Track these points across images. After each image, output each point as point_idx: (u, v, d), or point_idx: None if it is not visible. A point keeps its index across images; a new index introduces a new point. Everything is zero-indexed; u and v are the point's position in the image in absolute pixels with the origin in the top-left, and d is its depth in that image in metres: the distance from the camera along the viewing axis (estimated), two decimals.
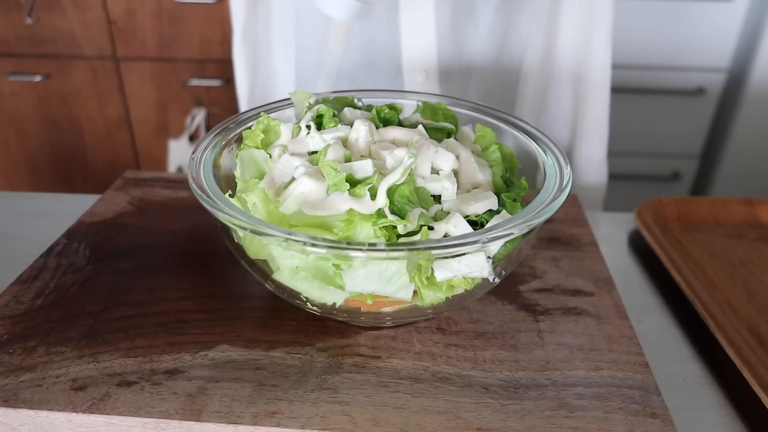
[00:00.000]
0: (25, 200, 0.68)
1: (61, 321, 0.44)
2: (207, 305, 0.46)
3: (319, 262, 0.37)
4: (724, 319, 0.48)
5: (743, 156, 1.46)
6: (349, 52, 0.70)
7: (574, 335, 0.44)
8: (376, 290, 0.37)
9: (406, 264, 0.36)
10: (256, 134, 0.44)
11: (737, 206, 0.64)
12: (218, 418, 0.36)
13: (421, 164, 0.40)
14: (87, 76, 1.44)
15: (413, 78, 0.69)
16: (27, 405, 0.37)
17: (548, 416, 0.37)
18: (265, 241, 0.37)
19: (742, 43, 1.40)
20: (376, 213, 0.37)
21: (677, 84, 1.44)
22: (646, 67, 1.43)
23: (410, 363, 0.41)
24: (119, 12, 1.36)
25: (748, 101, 1.40)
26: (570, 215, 0.59)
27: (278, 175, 0.41)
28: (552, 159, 0.44)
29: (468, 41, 0.69)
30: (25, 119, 1.50)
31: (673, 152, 1.54)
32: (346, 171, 0.39)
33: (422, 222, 0.37)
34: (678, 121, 1.49)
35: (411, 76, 0.69)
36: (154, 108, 1.48)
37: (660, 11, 1.37)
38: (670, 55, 1.42)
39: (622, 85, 1.44)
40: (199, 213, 0.55)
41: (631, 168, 1.53)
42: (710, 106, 1.47)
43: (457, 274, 0.38)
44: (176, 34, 1.39)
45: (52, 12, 1.36)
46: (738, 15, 1.37)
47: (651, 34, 1.39)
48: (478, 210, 0.39)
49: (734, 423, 0.42)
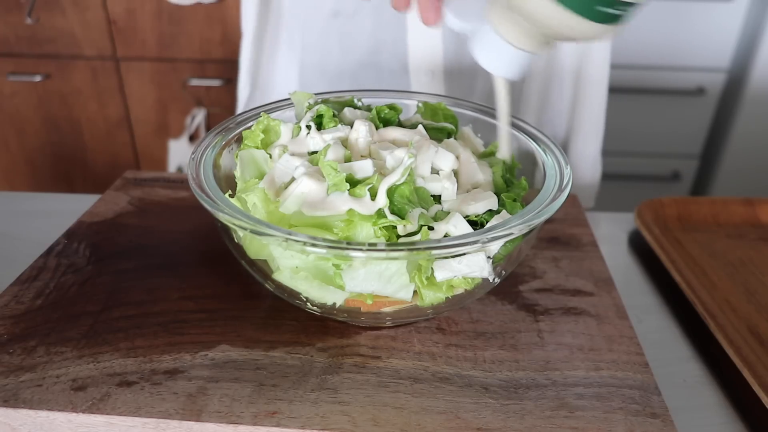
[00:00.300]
0: (25, 200, 0.68)
1: (61, 321, 0.44)
2: (207, 305, 0.46)
3: (319, 262, 0.37)
4: (724, 319, 0.48)
5: (743, 156, 1.46)
6: (355, 52, 0.70)
7: (574, 335, 0.44)
8: (376, 290, 0.37)
9: (406, 264, 0.36)
10: (256, 134, 0.44)
11: (737, 206, 0.64)
12: (218, 418, 0.36)
13: (421, 164, 0.40)
14: (87, 76, 1.44)
15: (419, 78, 0.69)
16: (27, 405, 0.37)
17: (548, 416, 0.37)
18: (265, 241, 0.37)
19: (742, 43, 1.40)
20: (376, 213, 0.37)
21: (677, 84, 1.44)
22: (646, 67, 1.43)
23: (410, 363, 0.41)
24: (119, 12, 1.36)
25: (748, 101, 1.40)
26: (570, 215, 0.59)
27: (278, 175, 0.41)
28: (552, 159, 0.44)
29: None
30: (25, 119, 1.50)
31: (673, 152, 1.54)
32: (346, 171, 0.39)
33: (422, 222, 0.37)
34: (678, 121, 1.49)
35: (416, 75, 0.69)
36: (154, 108, 1.48)
37: (660, 11, 1.37)
38: (670, 55, 1.42)
39: (622, 85, 1.44)
40: (199, 213, 0.55)
41: (631, 168, 1.53)
42: (710, 106, 1.47)
43: (457, 274, 0.38)
44: (176, 34, 1.39)
45: (52, 12, 1.36)
46: (738, 15, 1.36)
47: (651, 34, 1.39)
48: (478, 210, 0.39)
49: (734, 423, 0.42)
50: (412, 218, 0.37)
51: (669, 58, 1.42)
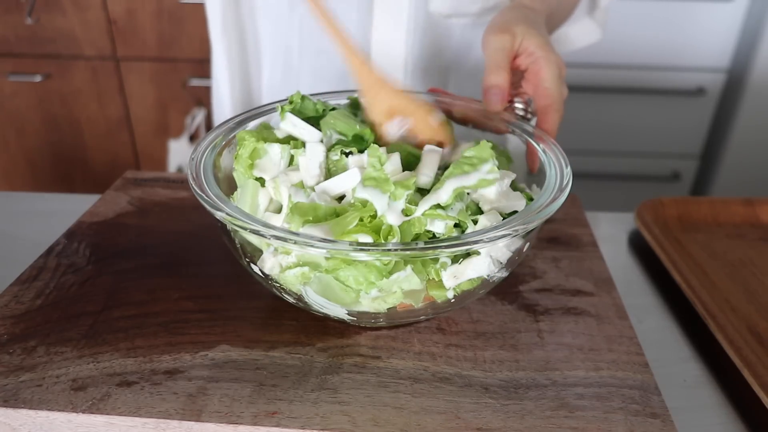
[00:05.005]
0: (25, 200, 0.68)
1: (61, 321, 0.44)
2: (207, 305, 0.46)
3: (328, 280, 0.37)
4: (724, 319, 0.48)
5: (743, 156, 1.46)
6: (321, 53, 0.70)
7: (574, 335, 0.44)
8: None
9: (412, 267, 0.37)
10: (245, 160, 0.42)
11: (737, 206, 0.64)
12: (218, 418, 0.36)
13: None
14: (87, 76, 1.44)
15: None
16: (27, 405, 0.37)
17: (548, 416, 0.37)
18: (265, 241, 0.37)
19: (742, 43, 1.40)
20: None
21: (677, 84, 1.44)
22: (646, 67, 1.43)
23: (410, 363, 0.41)
24: (119, 12, 1.36)
25: (748, 101, 1.40)
26: (570, 215, 0.59)
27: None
28: (552, 159, 0.44)
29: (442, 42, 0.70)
30: (25, 119, 1.50)
31: (673, 152, 1.54)
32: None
33: (461, 218, 0.38)
34: (678, 121, 1.49)
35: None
36: (154, 108, 1.48)
37: (660, 11, 1.37)
38: (670, 55, 1.42)
39: (622, 85, 1.44)
40: (199, 213, 0.55)
41: (631, 168, 1.53)
42: (710, 106, 1.47)
43: (460, 278, 0.38)
44: (176, 34, 1.39)
45: (52, 12, 1.36)
46: (738, 15, 1.36)
47: (651, 34, 1.39)
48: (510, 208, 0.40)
49: (734, 423, 0.42)
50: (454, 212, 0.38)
51: (669, 58, 1.42)
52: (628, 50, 1.40)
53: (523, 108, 0.49)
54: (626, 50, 1.40)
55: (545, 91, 0.47)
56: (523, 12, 0.51)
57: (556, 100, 0.48)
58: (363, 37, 0.68)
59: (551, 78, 0.47)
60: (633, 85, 1.44)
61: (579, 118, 1.47)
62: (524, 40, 0.47)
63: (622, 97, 1.46)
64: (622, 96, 1.46)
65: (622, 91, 1.45)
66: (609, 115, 1.48)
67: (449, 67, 0.72)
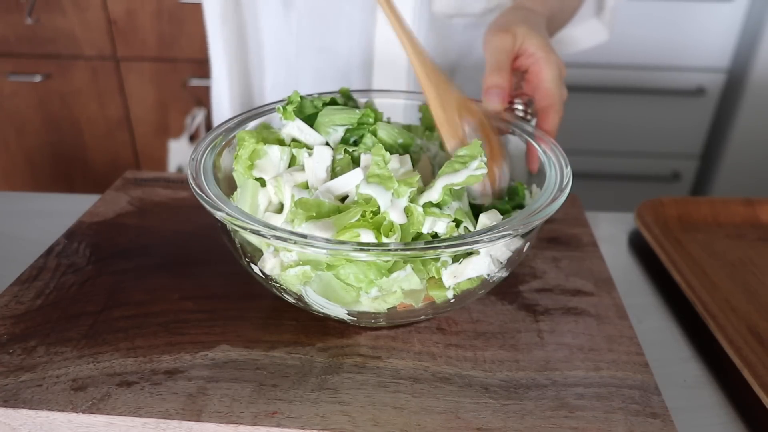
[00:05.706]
0: (25, 200, 0.68)
1: (61, 321, 0.44)
2: (207, 305, 0.46)
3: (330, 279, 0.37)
4: (724, 319, 0.48)
5: (743, 156, 1.46)
6: (321, 52, 0.70)
7: (574, 335, 0.44)
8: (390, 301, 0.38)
9: (411, 267, 0.37)
10: (245, 161, 0.42)
11: (737, 206, 0.64)
12: (218, 418, 0.36)
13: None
14: (87, 76, 1.44)
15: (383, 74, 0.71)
16: (27, 405, 0.37)
17: (548, 416, 0.37)
18: (265, 242, 0.37)
19: (742, 43, 1.40)
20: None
21: (677, 84, 1.44)
22: (646, 67, 1.43)
23: (410, 363, 0.41)
24: (119, 12, 1.36)
25: (748, 101, 1.40)
26: (570, 215, 0.59)
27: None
28: (552, 159, 0.44)
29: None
30: (25, 119, 1.50)
31: (673, 152, 1.54)
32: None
33: (458, 216, 0.38)
34: (678, 121, 1.49)
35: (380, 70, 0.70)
36: (154, 108, 1.48)
37: (660, 11, 1.37)
38: (670, 55, 1.42)
39: (622, 85, 1.44)
40: (199, 213, 0.55)
41: (631, 168, 1.53)
42: (710, 106, 1.47)
43: (460, 277, 0.38)
44: (176, 34, 1.39)
45: (52, 12, 1.36)
46: (738, 15, 1.37)
47: (651, 34, 1.39)
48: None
49: (734, 423, 0.42)
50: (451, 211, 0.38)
51: (669, 58, 1.43)
52: (628, 50, 1.40)
53: (523, 108, 0.49)
54: (626, 50, 1.40)
55: (545, 91, 0.47)
56: (524, 13, 0.51)
57: (557, 100, 0.48)
58: (367, 37, 0.68)
59: (551, 79, 0.47)
60: (633, 85, 1.44)
61: (579, 118, 1.47)
62: (525, 41, 0.47)
63: (622, 97, 1.46)
64: (622, 96, 1.46)
65: (622, 91, 1.45)
66: (609, 115, 1.48)
67: (451, 67, 0.72)
